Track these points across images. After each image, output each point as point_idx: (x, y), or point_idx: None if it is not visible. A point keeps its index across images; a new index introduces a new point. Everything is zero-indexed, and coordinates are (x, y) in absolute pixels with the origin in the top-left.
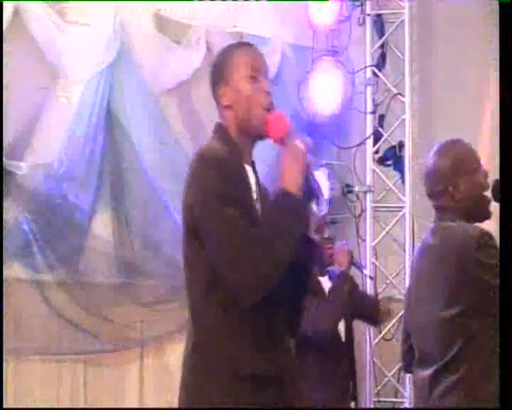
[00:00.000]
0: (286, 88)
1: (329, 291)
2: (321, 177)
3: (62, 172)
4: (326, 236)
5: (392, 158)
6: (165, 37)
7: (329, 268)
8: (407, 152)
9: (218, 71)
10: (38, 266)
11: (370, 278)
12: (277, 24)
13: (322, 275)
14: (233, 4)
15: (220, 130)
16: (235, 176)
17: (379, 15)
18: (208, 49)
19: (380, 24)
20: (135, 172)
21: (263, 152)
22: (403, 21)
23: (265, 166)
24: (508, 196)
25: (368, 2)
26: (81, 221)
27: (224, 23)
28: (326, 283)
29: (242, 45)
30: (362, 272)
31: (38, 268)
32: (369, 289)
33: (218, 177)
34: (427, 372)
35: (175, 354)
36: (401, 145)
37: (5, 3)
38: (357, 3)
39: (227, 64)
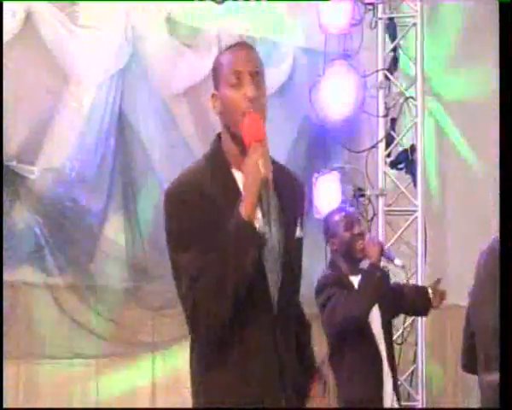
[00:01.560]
0: (298, 92)
1: (359, 283)
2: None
3: (73, 175)
4: (357, 232)
5: (405, 161)
6: (176, 41)
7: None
8: (419, 155)
9: (212, 75)
10: (50, 269)
11: (402, 267)
12: (289, 28)
13: (355, 274)
14: (244, 8)
15: (214, 141)
16: (195, 212)
17: (391, 19)
18: (220, 53)
19: (392, 27)
20: (146, 175)
21: None
22: (415, 25)
23: (282, 159)
24: (508, 196)
25: (380, 6)
26: (92, 225)
27: (236, 27)
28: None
29: (231, 49)
30: (393, 263)
31: (50, 272)
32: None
33: (174, 217)
34: (494, 377)
35: (185, 358)
36: (413, 149)
37: (17, 8)
38: (369, 7)
39: (215, 70)
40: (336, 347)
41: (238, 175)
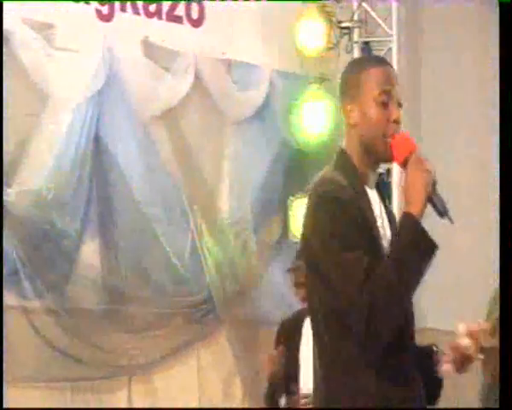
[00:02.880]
0: (275, 115)
1: None
2: None
3: (50, 198)
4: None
5: (380, 185)
6: (153, 64)
7: None
8: (394, 179)
9: (349, 85)
10: (26, 292)
11: None
12: (266, 51)
13: None
14: (222, 31)
15: (342, 156)
16: (354, 214)
17: (366, 43)
18: (197, 76)
19: (367, 51)
20: (123, 198)
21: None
22: (390, 49)
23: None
24: (508, 196)
25: (355, 30)
26: (69, 248)
27: (212, 50)
28: None
29: (379, 64)
30: None
31: (26, 295)
32: None
33: (336, 218)
34: None
35: (163, 381)
36: (389, 172)
37: None
38: (345, 31)
39: (359, 81)
40: None
41: (371, 193)
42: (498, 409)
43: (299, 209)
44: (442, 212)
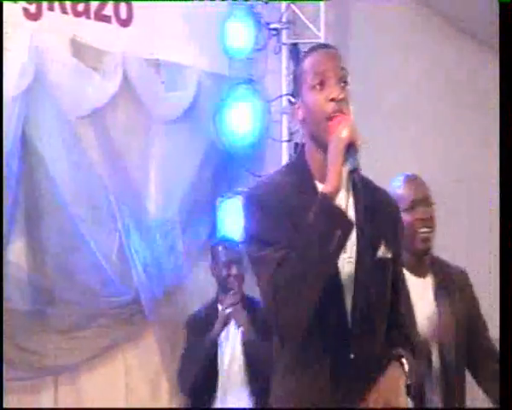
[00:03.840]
0: (203, 116)
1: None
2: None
3: None
4: (233, 273)
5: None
6: (81, 63)
7: None
8: None
9: (294, 84)
10: None
11: None
12: (194, 51)
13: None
14: (150, 32)
15: (298, 151)
16: (277, 213)
17: (295, 44)
18: (125, 76)
19: (296, 53)
20: (50, 198)
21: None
22: None
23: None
24: (508, 197)
25: (284, 31)
26: None
27: (142, 50)
28: None
29: (313, 51)
30: None
31: None
32: None
33: (256, 219)
34: None
35: (90, 382)
36: None
37: None
38: (274, 32)
39: (297, 76)
40: None
41: (320, 187)
42: (498, 409)
43: (227, 210)
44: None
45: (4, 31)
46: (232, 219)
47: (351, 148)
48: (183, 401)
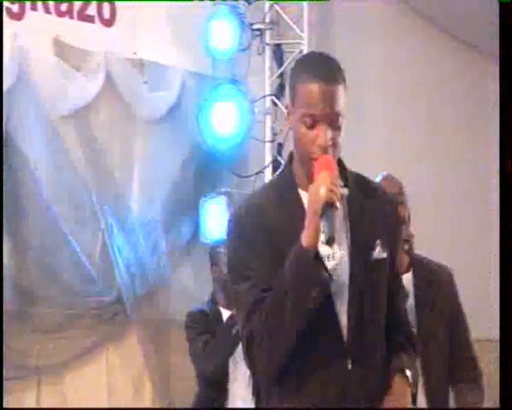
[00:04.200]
0: (186, 116)
1: (217, 333)
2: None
3: None
4: None
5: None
6: (64, 63)
7: None
8: None
9: (289, 86)
10: None
11: None
12: (178, 51)
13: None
14: (134, 31)
15: (287, 160)
16: (256, 237)
17: (278, 45)
18: (108, 76)
19: (279, 53)
20: (33, 197)
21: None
22: (301, 51)
23: (170, 183)
24: (508, 197)
25: (267, 32)
26: None
27: (125, 50)
28: None
29: (315, 79)
30: None
31: None
32: None
33: (235, 246)
34: None
35: (72, 382)
36: None
37: None
38: (257, 32)
39: (293, 90)
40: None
41: (304, 195)
42: (498, 409)
43: (210, 210)
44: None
45: None
46: (215, 220)
47: (327, 209)
48: (165, 402)
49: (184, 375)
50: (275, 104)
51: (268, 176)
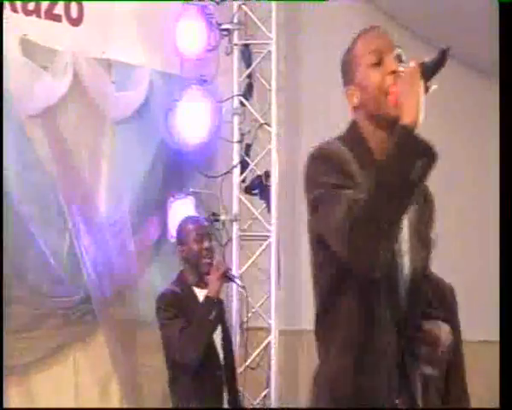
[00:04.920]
0: (154, 116)
1: (195, 319)
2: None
3: None
4: (205, 246)
5: (259, 187)
6: (31, 62)
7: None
8: (273, 181)
9: (344, 71)
10: None
11: (243, 287)
12: (146, 51)
13: (202, 287)
14: (101, 31)
15: (352, 128)
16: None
17: (246, 46)
18: (75, 75)
19: (247, 54)
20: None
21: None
22: (270, 52)
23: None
24: (508, 197)
25: (235, 32)
26: None
27: (92, 50)
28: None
29: (363, 34)
30: (236, 283)
31: None
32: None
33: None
34: None
35: (39, 383)
36: (267, 175)
37: None
38: (225, 33)
39: (350, 59)
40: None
41: None
42: (498, 409)
43: (178, 210)
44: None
45: None
46: None
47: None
48: (132, 402)
49: (152, 375)
50: (243, 104)
51: (236, 176)
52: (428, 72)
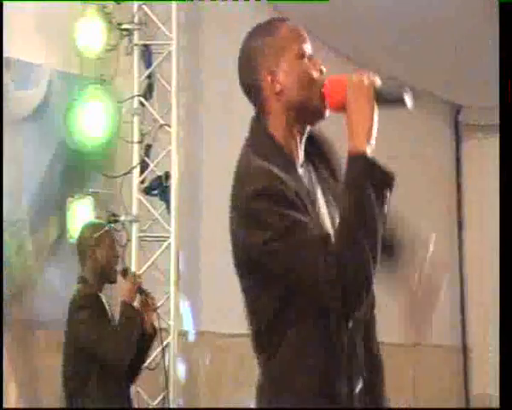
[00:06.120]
0: (53, 116)
1: (121, 319)
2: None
3: None
4: (116, 254)
5: (158, 188)
6: None
7: None
8: (173, 182)
9: (263, 55)
10: None
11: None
12: (45, 50)
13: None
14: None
15: (260, 131)
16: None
17: (146, 46)
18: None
19: (147, 54)
20: None
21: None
22: (170, 52)
23: (37, 183)
24: (508, 198)
25: (136, 32)
26: None
27: None
28: None
29: (284, 22)
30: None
31: None
32: None
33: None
34: None
35: None
36: (167, 176)
37: None
38: (125, 32)
39: (275, 45)
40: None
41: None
42: (498, 409)
43: (77, 210)
44: (396, 99)
45: None
46: (81, 220)
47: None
48: (29, 404)
49: (50, 377)
50: (143, 105)
51: (135, 177)
52: (380, 100)
